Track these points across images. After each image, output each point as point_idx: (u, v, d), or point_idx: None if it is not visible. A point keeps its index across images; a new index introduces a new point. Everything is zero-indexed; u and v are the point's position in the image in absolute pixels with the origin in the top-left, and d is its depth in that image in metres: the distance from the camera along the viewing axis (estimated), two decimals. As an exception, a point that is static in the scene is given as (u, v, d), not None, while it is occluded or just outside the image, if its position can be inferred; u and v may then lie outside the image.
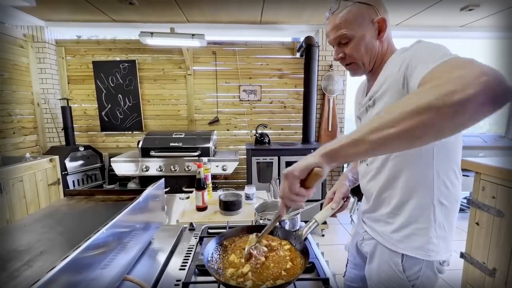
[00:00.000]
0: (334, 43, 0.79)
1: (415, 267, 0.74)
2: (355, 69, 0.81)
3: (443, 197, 0.72)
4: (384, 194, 0.78)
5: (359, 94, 0.93)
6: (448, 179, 0.72)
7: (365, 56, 0.76)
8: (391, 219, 0.77)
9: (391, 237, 0.77)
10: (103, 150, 3.23)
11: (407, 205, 0.74)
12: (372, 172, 0.80)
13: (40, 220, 0.84)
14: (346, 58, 0.79)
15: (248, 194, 1.47)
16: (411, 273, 0.74)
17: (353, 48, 0.75)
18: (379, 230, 0.81)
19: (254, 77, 3.33)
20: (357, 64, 0.78)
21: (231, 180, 3.40)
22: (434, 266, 0.74)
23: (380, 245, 0.80)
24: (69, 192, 1.05)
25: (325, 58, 3.17)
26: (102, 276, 0.62)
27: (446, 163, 0.71)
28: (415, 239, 0.73)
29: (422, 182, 0.71)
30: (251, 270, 0.67)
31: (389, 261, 0.77)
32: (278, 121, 3.43)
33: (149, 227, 0.91)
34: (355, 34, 0.74)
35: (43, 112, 3.03)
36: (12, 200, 1.96)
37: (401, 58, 0.66)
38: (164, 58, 3.23)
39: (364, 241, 0.90)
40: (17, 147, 2.75)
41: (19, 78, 2.79)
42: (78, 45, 3.17)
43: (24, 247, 0.66)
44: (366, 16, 0.73)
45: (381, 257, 0.80)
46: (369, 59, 0.77)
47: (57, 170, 2.42)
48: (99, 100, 3.20)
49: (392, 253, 0.76)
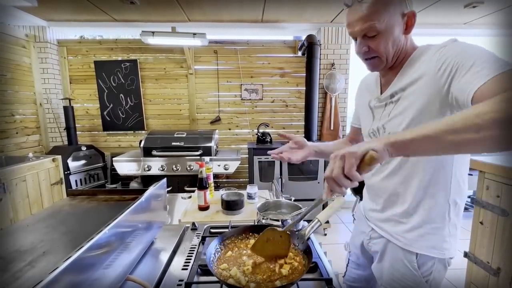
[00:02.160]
0: (358, 35, 0.71)
1: (428, 263, 0.75)
2: (377, 64, 0.75)
3: (458, 196, 0.73)
4: (400, 193, 0.76)
5: (371, 86, 0.87)
6: (461, 177, 0.72)
7: (391, 51, 0.71)
8: (405, 218, 0.76)
9: (404, 236, 0.76)
10: (105, 149, 3.24)
11: (423, 205, 0.73)
12: (387, 170, 0.78)
13: (43, 220, 0.84)
14: (370, 52, 0.72)
15: (250, 194, 1.47)
16: (425, 269, 0.75)
17: (380, 42, 0.69)
18: (390, 230, 0.80)
19: (256, 76, 3.33)
20: (380, 59, 0.73)
21: (233, 179, 3.40)
22: (446, 260, 0.76)
23: (391, 243, 0.80)
24: (72, 192, 1.06)
25: (327, 57, 3.16)
26: (105, 276, 0.62)
27: (464, 163, 0.71)
28: (429, 238, 0.73)
29: (440, 181, 0.71)
30: (254, 271, 0.66)
31: (403, 259, 0.77)
32: (280, 120, 3.42)
33: (152, 227, 0.91)
34: (384, 27, 0.67)
35: (45, 112, 3.04)
36: (15, 199, 1.97)
37: (438, 57, 0.63)
38: (165, 57, 3.23)
39: (371, 240, 0.88)
40: (19, 147, 2.76)
41: (21, 78, 2.80)
42: (80, 45, 3.17)
43: (26, 248, 0.66)
44: (398, 7, 0.67)
45: (393, 255, 0.80)
46: (393, 55, 0.72)
47: (60, 170, 2.43)
48: (101, 100, 3.21)
49: (406, 252, 0.76)
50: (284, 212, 1.10)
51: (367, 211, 0.89)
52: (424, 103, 0.67)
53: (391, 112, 0.76)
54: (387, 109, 0.78)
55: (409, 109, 0.70)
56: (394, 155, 0.52)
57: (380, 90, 0.83)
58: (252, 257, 0.74)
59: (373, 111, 0.84)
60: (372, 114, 0.85)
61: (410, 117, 0.70)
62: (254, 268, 0.69)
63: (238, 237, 0.84)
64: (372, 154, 0.50)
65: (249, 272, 0.66)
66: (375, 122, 0.83)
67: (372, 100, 0.85)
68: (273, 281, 0.64)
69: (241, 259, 0.72)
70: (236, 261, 0.71)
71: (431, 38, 2.39)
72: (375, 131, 0.83)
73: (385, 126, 0.78)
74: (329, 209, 0.87)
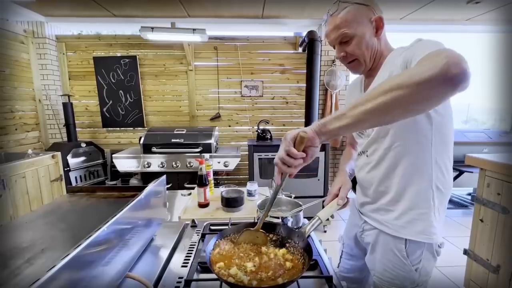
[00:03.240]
0: (335, 43, 0.82)
1: (417, 251, 0.78)
2: (357, 66, 0.83)
3: (440, 183, 0.76)
4: (385, 183, 0.81)
5: (355, 91, 0.96)
6: (444, 166, 0.77)
7: (366, 53, 0.79)
8: (392, 206, 0.80)
9: (393, 224, 0.80)
10: (105, 146, 3.24)
11: (407, 192, 0.77)
12: (373, 163, 0.83)
13: (42, 217, 0.83)
14: (348, 56, 0.82)
15: (250, 191, 1.47)
16: (414, 258, 0.78)
17: (355, 46, 0.79)
18: (380, 218, 0.83)
19: (256, 72, 3.31)
20: (359, 61, 0.81)
21: (233, 176, 3.40)
22: (434, 248, 0.79)
23: (382, 233, 0.83)
24: (71, 188, 1.05)
25: (328, 53, 3.13)
26: (104, 274, 0.62)
27: (442, 151, 0.75)
28: (417, 224, 0.77)
29: (421, 168, 0.75)
30: (255, 270, 0.66)
31: (393, 248, 0.80)
32: (280, 117, 3.41)
33: (151, 224, 0.90)
34: (355, 32, 0.77)
35: (44, 108, 3.03)
36: (15, 196, 1.97)
37: (403, 55, 0.70)
38: (165, 53, 3.20)
39: (364, 232, 0.91)
40: (19, 143, 2.76)
41: (20, 74, 2.78)
42: (78, 41, 3.15)
43: (26, 244, 0.66)
44: (365, 15, 0.77)
45: (384, 245, 0.83)
46: (369, 56, 0.80)
47: (60, 167, 2.43)
48: (100, 96, 3.19)
49: (396, 240, 0.79)
50: (284, 210, 1.10)
51: (359, 205, 0.93)
52: None
53: None
54: None
55: None
56: (323, 138, 0.62)
57: (364, 91, 0.90)
58: (251, 255, 0.74)
59: None
60: None
61: None
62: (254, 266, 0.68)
63: (237, 234, 0.83)
64: (301, 134, 0.61)
65: (250, 271, 0.66)
66: None
67: None
68: (274, 279, 0.64)
69: (241, 257, 0.71)
70: (236, 260, 0.71)
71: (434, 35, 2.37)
72: (361, 131, 0.87)
73: None
74: (329, 208, 0.86)
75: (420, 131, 0.72)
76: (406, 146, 0.75)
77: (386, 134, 0.77)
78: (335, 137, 0.62)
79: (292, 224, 0.99)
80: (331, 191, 0.92)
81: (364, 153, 0.87)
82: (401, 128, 0.74)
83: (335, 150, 3.30)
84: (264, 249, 0.76)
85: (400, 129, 0.74)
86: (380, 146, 0.79)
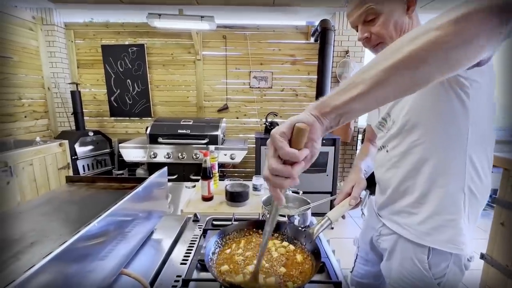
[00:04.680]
0: (358, 22, 0.70)
1: (442, 264, 0.68)
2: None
3: (474, 186, 0.65)
4: (407, 182, 0.71)
5: None
6: (480, 166, 0.65)
7: (395, 34, 0.67)
8: (416, 209, 0.70)
9: (416, 229, 0.70)
10: (113, 135, 3.24)
11: (434, 194, 0.67)
12: (394, 159, 0.73)
13: (38, 207, 0.80)
14: (373, 38, 0.69)
15: (256, 185, 1.41)
16: (437, 271, 0.68)
17: (381, 25, 0.66)
18: (402, 222, 0.73)
19: (266, 63, 3.21)
20: (385, 44, 0.68)
21: (240, 169, 3.36)
22: (462, 262, 0.68)
23: (402, 240, 0.73)
24: (71, 178, 1.02)
25: (341, 44, 3.00)
26: (97, 270, 0.58)
27: (479, 148, 0.64)
28: (444, 231, 0.66)
29: (453, 167, 0.64)
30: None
31: (413, 257, 0.70)
32: (289, 110, 3.32)
33: (150, 217, 0.86)
34: (383, 8, 0.65)
35: (53, 96, 3.04)
36: (23, 183, 1.98)
37: None
38: (173, 42, 3.14)
39: (381, 237, 0.82)
40: (28, 131, 2.78)
41: (29, 61, 2.78)
42: (87, 28, 3.12)
43: (16, 237, 0.62)
44: None
45: (403, 253, 0.74)
46: (398, 37, 0.66)
47: (67, 155, 2.44)
48: (108, 85, 3.17)
49: (417, 248, 0.70)
50: (291, 207, 1.04)
51: (378, 206, 0.84)
52: None
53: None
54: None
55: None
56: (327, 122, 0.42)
57: None
58: (253, 259, 0.68)
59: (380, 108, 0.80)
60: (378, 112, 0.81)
61: (410, 101, 0.66)
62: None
63: (240, 232, 0.78)
64: (298, 125, 0.40)
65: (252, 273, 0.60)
66: (381, 112, 0.78)
67: None
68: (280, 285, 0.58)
69: (242, 261, 0.66)
70: (238, 264, 0.65)
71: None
72: (382, 122, 0.78)
73: (390, 114, 0.74)
74: (340, 207, 0.80)
75: (453, 122, 0.61)
76: (435, 140, 0.64)
77: (413, 127, 0.66)
78: (344, 118, 0.42)
79: (299, 223, 0.93)
80: (343, 189, 0.84)
81: (383, 148, 0.77)
82: (432, 119, 0.63)
83: (346, 145, 3.19)
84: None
85: (431, 120, 0.64)
86: (403, 141, 0.69)
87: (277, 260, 0.68)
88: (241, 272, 0.61)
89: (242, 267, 0.64)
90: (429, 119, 0.64)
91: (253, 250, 0.71)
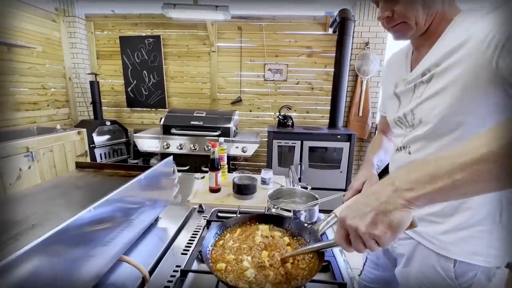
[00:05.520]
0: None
1: (469, 273, 0.61)
2: (404, 31, 0.61)
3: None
4: None
5: (396, 67, 0.74)
6: None
7: (421, 13, 0.57)
8: (441, 218, 0.63)
9: (440, 239, 0.63)
10: (129, 125, 3.31)
11: (465, 204, 0.59)
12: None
13: (45, 191, 0.82)
14: (395, 18, 0.60)
15: (264, 179, 1.38)
16: (464, 280, 0.62)
17: (407, 4, 0.57)
18: (421, 230, 0.67)
19: (281, 55, 3.13)
20: (407, 24, 0.59)
21: (251, 162, 3.34)
22: (491, 271, 0.62)
23: (421, 246, 0.67)
24: (80, 164, 1.04)
25: (361, 35, 2.85)
26: (94, 256, 0.57)
27: None
28: (472, 242, 0.60)
29: None
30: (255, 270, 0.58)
31: (436, 265, 0.64)
32: (304, 104, 3.23)
33: (154, 205, 0.85)
34: None
35: (74, 86, 3.14)
36: (43, 168, 2.08)
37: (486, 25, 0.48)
38: (188, 33, 3.13)
39: (397, 241, 0.75)
40: (51, 119, 2.90)
41: (52, 52, 2.89)
42: (106, 20, 3.18)
43: (18, 218, 0.63)
44: None
45: (423, 260, 0.67)
46: (425, 18, 0.58)
47: (85, 143, 2.52)
48: (125, 76, 3.24)
49: (441, 257, 0.63)
50: (298, 202, 1.00)
51: None
52: (469, 79, 0.51)
53: (422, 94, 0.62)
54: (417, 92, 0.63)
55: (449, 88, 0.54)
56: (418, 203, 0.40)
57: (410, 67, 0.68)
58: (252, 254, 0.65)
59: (400, 96, 0.71)
60: (398, 100, 0.72)
61: (448, 99, 0.55)
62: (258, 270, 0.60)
63: (241, 226, 0.75)
64: (414, 222, 0.42)
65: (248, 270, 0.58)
66: (402, 107, 0.69)
67: (398, 83, 0.71)
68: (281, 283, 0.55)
69: (241, 257, 0.63)
70: (236, 260, 0.62)
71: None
72: (401, 119, 0.69)
73: (414, 112, 0.64)
74: (350, 203, 0.74)
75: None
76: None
77: (452, 130, 0.57)
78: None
79: (305, 219, 0.89)
80: (353, 185, 0.78)
81: (404, 149, 0.69)
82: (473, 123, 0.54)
83: (362, 141, 3.07)
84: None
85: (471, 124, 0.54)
86: (431, 144, 0.61)
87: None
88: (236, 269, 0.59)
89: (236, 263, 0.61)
90: (469, 122, 0.55)
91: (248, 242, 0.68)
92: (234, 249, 0.65)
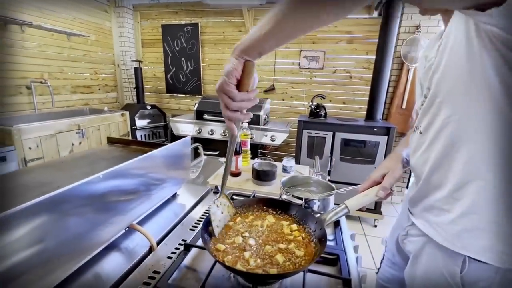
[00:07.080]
0: None
1: (480, 283, 0.50)
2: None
3: None
4: (439, 171, 0.54)
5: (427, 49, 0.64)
6: None
7: None
8: (448, 205, 0.53)
9: (446, 229, 0.53)
10: (167, 110, 3.51)
11: (472, 186, 0.49)
12: (426, 142, 0.57)
13: (74, 161, 0.91)
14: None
15: (286, 167, 1.34)
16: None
17: None
18: (433, 220, 0.57)
19: (318, 41, 2.97)
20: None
21: (281, 152, 3.29)
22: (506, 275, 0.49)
23: (430, 244, 0.58)
24: (111, 139, 1.12)
25: (411, 17, 2.54)
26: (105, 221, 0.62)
27: None
28: (481, 235, 0.49)
29: (498, 153, 0.46)
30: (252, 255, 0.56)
31: (441, 267, 0.55)
32: (341, 94, 3.05)
33: (167, 182, 0.89)
34: None
35: (121, 72, 3.42)
36: (91, 145, 2.32)
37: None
38: (225, 21, 3.15)
39: (407, 237, 0.67)
40: (101, 102, 3.22)
41: (103, 40, 3.17)
42: (150, 9, 3.36)
43: (46, 181, 0.71)
44: None
45: (430, 260, 0.58)
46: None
47: (127, 124, 2.75)
48: (165, 63, 3.41)
49: (448, 258, 0.54)
50: (313, 191, 0.95)
51: (410, 200, 0.67)
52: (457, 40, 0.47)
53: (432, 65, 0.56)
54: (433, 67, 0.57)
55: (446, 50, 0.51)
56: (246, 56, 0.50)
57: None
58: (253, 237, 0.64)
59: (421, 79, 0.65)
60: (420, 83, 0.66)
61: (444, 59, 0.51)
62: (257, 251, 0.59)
63: (248, 208, 0.74)
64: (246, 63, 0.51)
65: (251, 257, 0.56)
66: (423, 87, 0.62)
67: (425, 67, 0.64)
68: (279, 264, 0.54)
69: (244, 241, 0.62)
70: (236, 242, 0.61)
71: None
72: (423, 101, 0.60)
73: (429, 87, 0.57)
74: (363, 196, 0.68)
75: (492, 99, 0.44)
76: (474, 117, 0.48)
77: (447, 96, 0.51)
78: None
79: (318, 209, 0.84)
80: (371, 176, 0.71)
81: (417, 129, 0.61)
82: (460, 89, 0.48)
83: (401, 136, 2.80)
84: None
85: (458, 90, 0.48)
86: (436, 118, 0.53)
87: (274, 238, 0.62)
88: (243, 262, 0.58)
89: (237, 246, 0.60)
90: (456, 87, 0.48)
91: (252, 230, 0.67)
92: (241, 232, 0.64)
